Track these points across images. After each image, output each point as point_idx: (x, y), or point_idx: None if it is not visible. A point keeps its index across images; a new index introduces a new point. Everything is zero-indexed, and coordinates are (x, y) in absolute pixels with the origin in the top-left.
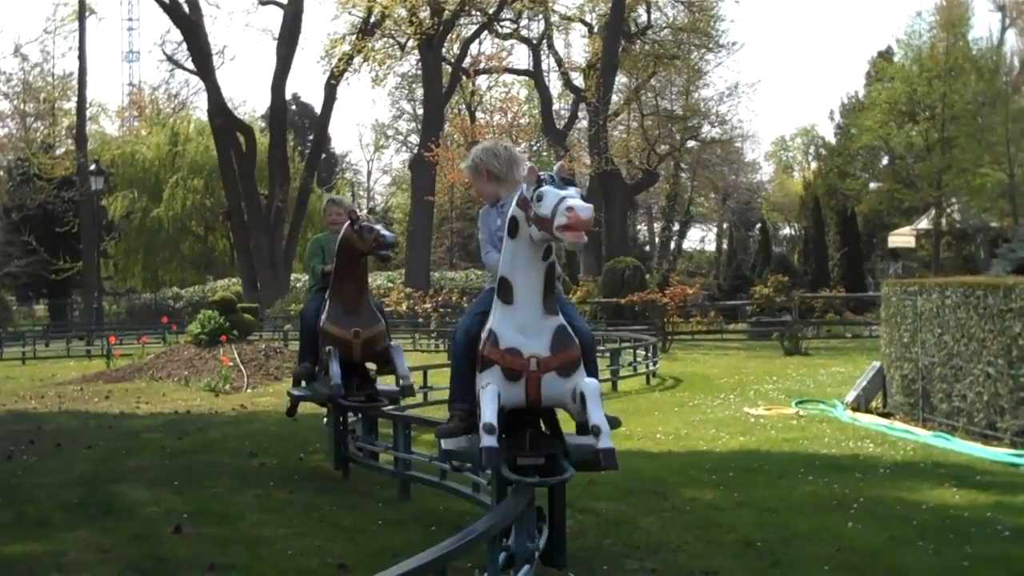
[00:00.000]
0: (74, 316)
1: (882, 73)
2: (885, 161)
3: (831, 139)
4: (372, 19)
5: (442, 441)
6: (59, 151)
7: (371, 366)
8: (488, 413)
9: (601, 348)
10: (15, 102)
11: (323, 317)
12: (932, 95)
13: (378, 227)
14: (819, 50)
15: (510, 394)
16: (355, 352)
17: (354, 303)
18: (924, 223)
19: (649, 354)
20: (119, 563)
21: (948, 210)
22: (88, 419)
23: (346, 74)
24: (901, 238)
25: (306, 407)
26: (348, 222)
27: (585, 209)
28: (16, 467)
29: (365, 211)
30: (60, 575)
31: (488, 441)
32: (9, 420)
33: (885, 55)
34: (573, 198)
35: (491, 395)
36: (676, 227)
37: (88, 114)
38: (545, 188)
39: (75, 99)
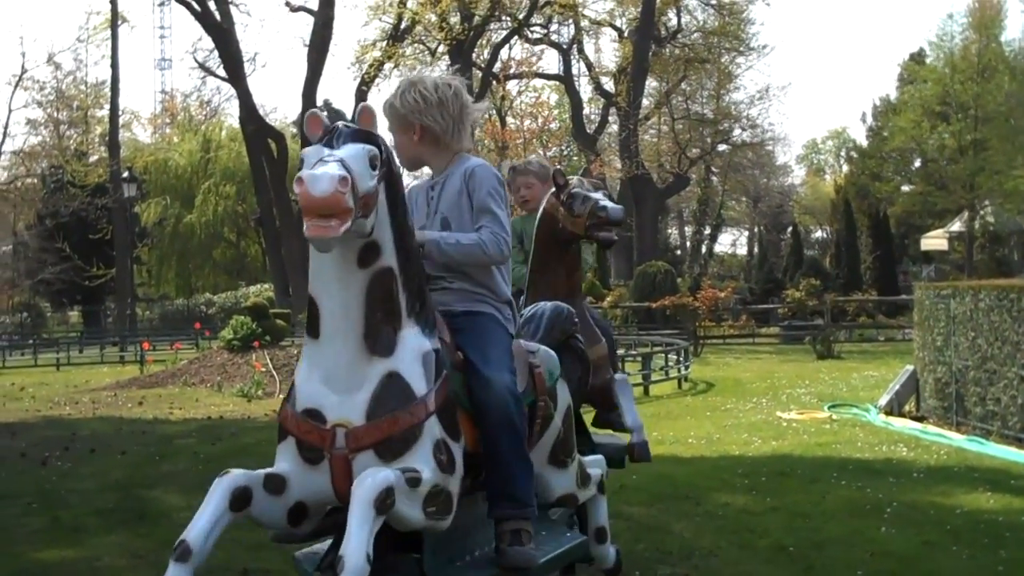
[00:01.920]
0: (107, 322)
1: (914, 75)
2: (918, 163)
3: (863, 142)
4: (402, 25)
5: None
6: (92, 158)
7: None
8: (198, 518)
9: (633, 352)
10: (49, 110)
11: None
12: (965, 97)
13: (596, 195)
14: (850, 52)
15: (306, 485)
16: None
17: None
18: (957, 226)
19: (681, 358)
20: (153, 569)
21: (981, 212)
22: (122, 425)
23: (377, 80)
24: (934, 241)
25: None
26: (552, 191)
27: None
28: (51, 473)
29: (577, 179)
30: None
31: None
32: (44, 426)
33: (917, 57)
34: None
35: (217, 497)
36: (707, 231)
37: (121, 121)
38: None
39: (108, 107)
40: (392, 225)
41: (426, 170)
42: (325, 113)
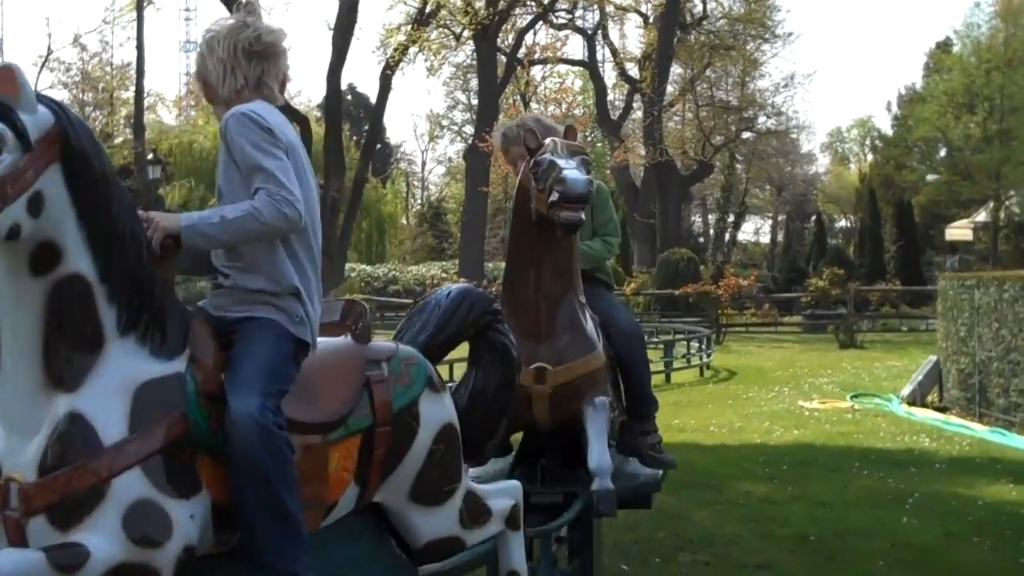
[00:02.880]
0: None
1: (940, 64)
2: (943, 153)
3: (888, 130)
4: (427, 9)
5: None
6: (117, 140)
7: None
8: None
9: (655, 340)
10: (74, 92)
11: None
12: (991, 86)
13: (563, 162)
14: (876, 40)
15: None
16: (538, 410)
17: (536, 311)
18: (982, 216)
19: (703, 346)
20: None
21: (1007, 203)
22: None
23: (401, 64)
24: (959, 231)
25: None
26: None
27: None
28: None
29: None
30: None
31: None
32: None
33: (943, 46)
34: None
35: None
36: (731, 218)
37: (146, 104)
38: None
39: (133, 89)
40: (78, 216)
41: None
42: None
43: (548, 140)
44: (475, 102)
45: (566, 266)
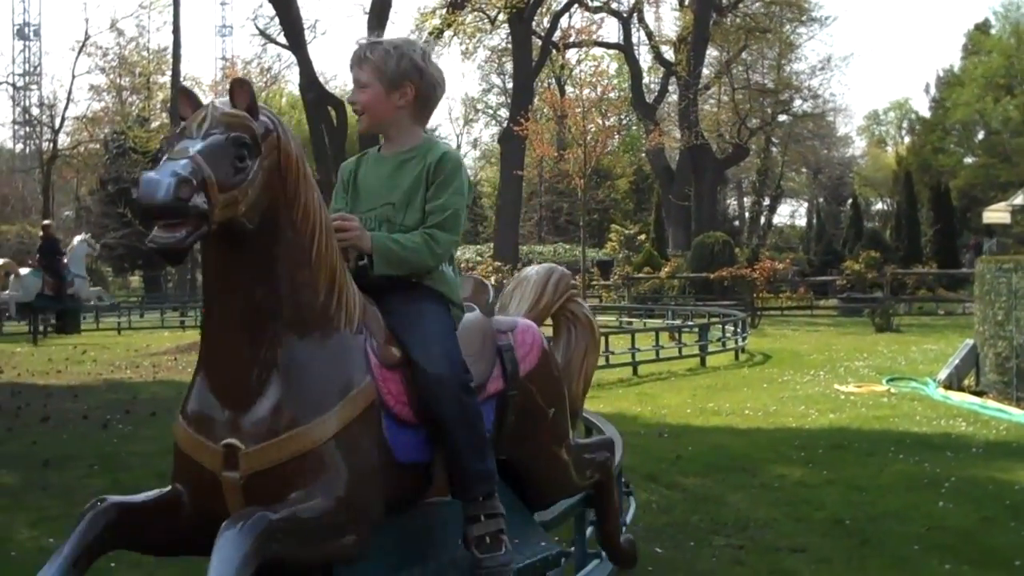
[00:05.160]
0: (168, 287)
1: (979, 46)
2: (981, 135)
3: (925, 113)
4: None
5: None
6: (154, 124)
7: None
8: None
9: (690, 323)
10: (111, 76)
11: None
12: None
13: (177, 147)
14: (914, 22)
15: None
16: (231, 507)
17: (230, 360)
18: (1020, 199)
19: (738, 329)
20: None
21: None
22: (181, 389)
23: (436, 48)
24: (996, 214)
25: None
26: None
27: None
28: (111, 435)
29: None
30: None
31: None
32: (105, 389)
33: (982, 28)
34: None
35: None
36: (766, 202)
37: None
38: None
39: (169, 73)
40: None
41: None
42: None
43: (204, 106)
44: (510, 85)
45: (279, 289)
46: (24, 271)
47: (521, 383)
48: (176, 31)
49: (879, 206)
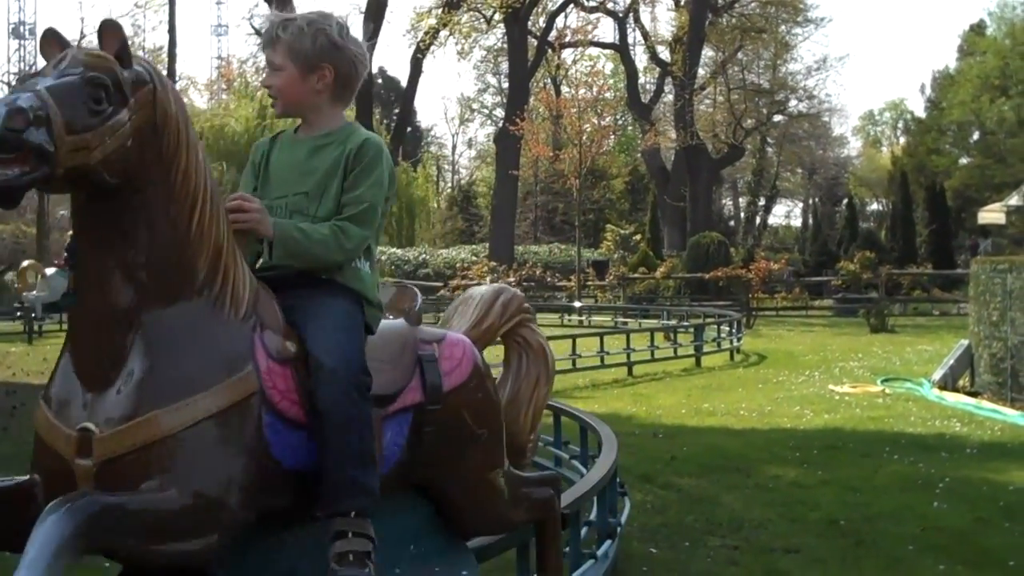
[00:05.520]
0: None
1: (974, 47)
2: (976, 136)
3: (920, 113)
4: None
5: None
6: None
7: None
8: None
9: (685, 324)
10: None
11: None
12: None
13: (28, 84)
14: (910, 23)
15: None
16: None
17: (92, 335)
18: (1015, 199)
19: (733, 330)
20: None
21: None
22: None
23: (432, 48)
24: (991, 215)
25: None
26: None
27: None
28: None
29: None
30: None
31: None
32: None
33: (977, 28)
34: None
35: None
36: (762, 202)
37: (178, 87)
38: None
39: (165, 72)
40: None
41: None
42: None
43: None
44: (506, 85)
45: (148, 260)
46: (50, 271)
47: (445, 398)
48: (172, 30)
49: (874, 206)
